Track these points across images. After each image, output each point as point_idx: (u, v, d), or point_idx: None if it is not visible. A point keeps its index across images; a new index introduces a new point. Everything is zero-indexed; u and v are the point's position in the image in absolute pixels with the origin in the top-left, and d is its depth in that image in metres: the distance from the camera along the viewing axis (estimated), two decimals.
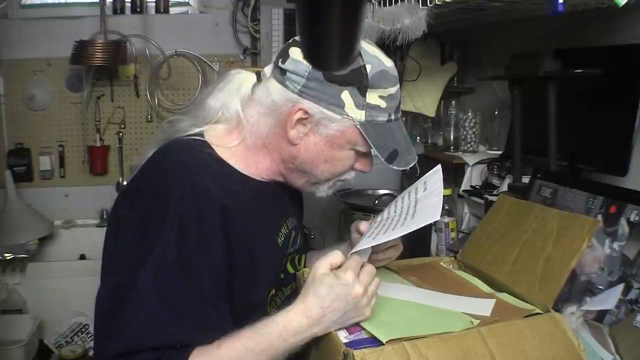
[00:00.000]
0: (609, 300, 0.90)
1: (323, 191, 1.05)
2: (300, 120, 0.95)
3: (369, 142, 0.95)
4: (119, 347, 0.82)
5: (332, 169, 1.00)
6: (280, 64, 0.96)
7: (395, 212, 0.99)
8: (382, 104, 0.95)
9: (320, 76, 0.92)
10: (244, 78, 1.03)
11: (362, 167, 1.03)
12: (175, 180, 0.90)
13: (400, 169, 0.99)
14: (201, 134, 1.00)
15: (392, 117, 0.98)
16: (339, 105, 0.93)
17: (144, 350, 0.82)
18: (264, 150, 1.01)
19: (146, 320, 0.83)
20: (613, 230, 0.95)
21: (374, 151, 0.97)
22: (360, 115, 0.94)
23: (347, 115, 0.94)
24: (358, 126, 0.95)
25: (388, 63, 0.97)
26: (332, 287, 0.84)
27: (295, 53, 0.94)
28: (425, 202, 0.95)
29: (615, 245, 0.93)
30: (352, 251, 0.91)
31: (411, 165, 1.00)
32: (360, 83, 0.93)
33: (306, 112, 0.94)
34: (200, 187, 0.90)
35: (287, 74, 0.95)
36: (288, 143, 0.98)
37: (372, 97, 0.94)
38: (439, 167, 1.02)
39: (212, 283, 0.88)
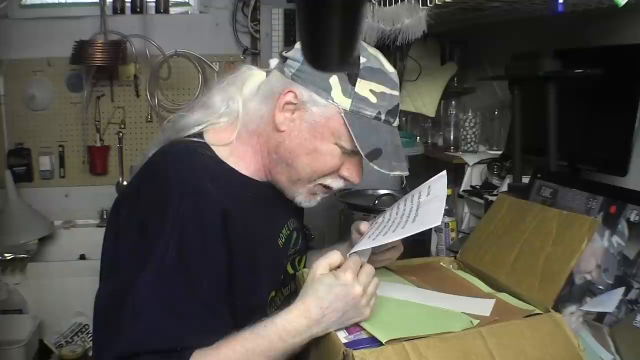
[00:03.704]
0: (609, 302, 0.89)
1: (302, 195, 1.00)
2: (288, 104, 0.94)
3: (351, 132, 0.92)
4: (119, 350, 0.81)
5: (314, 164, 0.96)
6: (284, 53, 0.98)
7: (397, 214, 0.98)
8: (372, 98, 0.93)
9: None
10: (252, 74, 1.03)
11: (348, 174, 0.98)
12: (175, 182, 0.90)
13: (382, 170, 0.94)
14: (201, 134, 1.00)
15: (382, 117, 0.95)
16: (326, 90, 0.92)
17: (143, 353, 0.81)
18: (256, 143, 0.99)
19: (146, 323, 0.82)
20: (613, 228, 0.95)
21: (363, 157, 0.93)
22: (345, 102, 0.93)
23: (333, 101, 0.93)
24: (342, 114, 0.93)
25: (389, 68, 0.97)
26: (331, 287, 0.84)
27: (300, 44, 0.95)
28: (428, 206, 0.94)
29: (614, 240, 0.93)
30: (352, 251, 0.91)
31: (396, 173, 0.95)
32: (351, 70, 0.92)
33: (295, 96, 0.94)
34: (201, 189, 0.90)
35: (287, 60, 0.96)
36: (275, 130, 0.96)
37: (362, 88, 0.93)
38: (444, 173, 1.01)
39: (212, 286, 0.88)
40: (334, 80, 0.92)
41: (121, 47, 2.62)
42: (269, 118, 0.97)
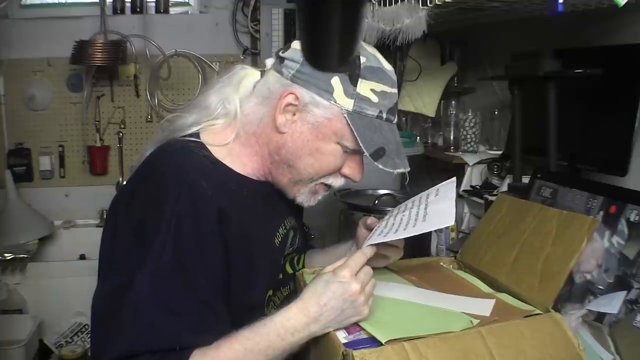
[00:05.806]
0: (611, 304, 0.89)
1: (304, 195, 1.01)
2: (289, 105, 0.94)
3: (354, 132, 0.93)
4: (117, 350, 0.81)
5: (316, 164, 0.97)
6: (280, 53, 0.98)
7: (404, 214, 0.99)
8: (374, 97, 0.94)
9: None
10: (247, 73, 1.03)
11: (350, 173, 1.00)
12: (171, 182, 0.90)
13: (387, 169, 0.94)
14: (197, 134, 1.00)
15: (384, 116, 0.96)
16: (328, 91, 0.93)
17: (142, 353, 0.81)
18: (256, 144, 1.00)
19: (144, 322, 0.82)
20: (613, 227, 0.95)
21: (365, 155, 0.95)
22: (348, 103, 0.93)
23: (335, 102, 0.93)
24: (345, 115, 0.93)
25: (387, 66, 0.97)
26: (328, 283, 0.85)
27: (297, 44, 0.96)
28: (437, 206, 0.95)
29: (615, 240, 0.93)
30: (365, 244, 0.92)
31: (400, 170, 0.96)
32: (351, 71, 0.93)
33: (296, 97, 0.94)
34: (196, 188, 0.90)
35: (285, 61, 0.96)
36: (276, 131, 0.96)
37: (363, 88, 0.93)
38: (454, 179, 1.02)
39: (210, 284, 0.88)
40: (335, 81, 0.92)
41: (121, 47, 2.62)
42: (268, 120, 0.97)
